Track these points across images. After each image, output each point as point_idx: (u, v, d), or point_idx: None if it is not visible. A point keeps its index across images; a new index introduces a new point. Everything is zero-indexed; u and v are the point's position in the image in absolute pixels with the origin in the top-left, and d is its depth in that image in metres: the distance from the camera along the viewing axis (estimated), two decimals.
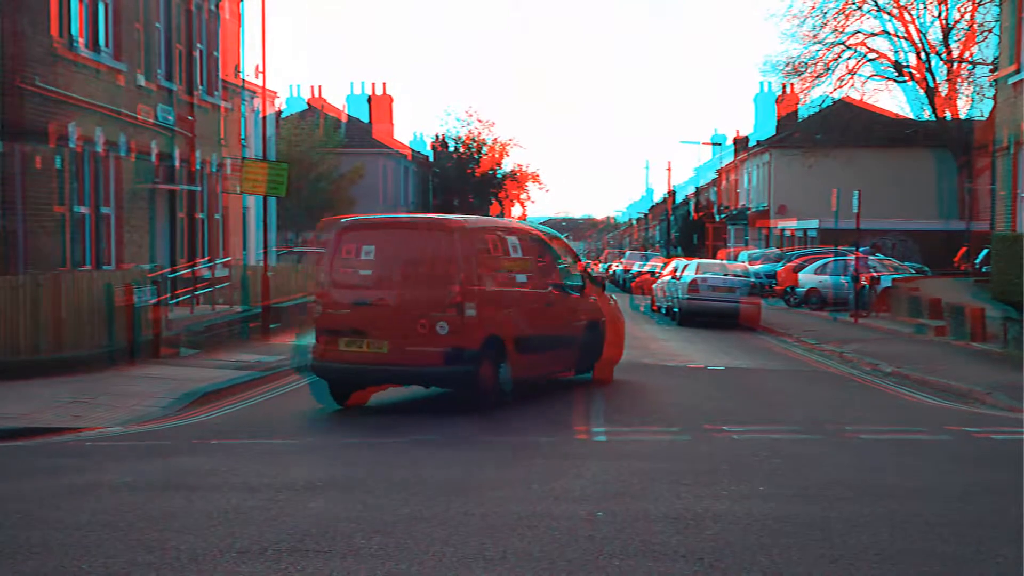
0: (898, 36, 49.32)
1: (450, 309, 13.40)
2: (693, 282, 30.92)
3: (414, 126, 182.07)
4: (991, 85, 38.61)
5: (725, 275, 31.86)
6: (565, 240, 18.46)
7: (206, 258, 27.90)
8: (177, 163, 26.32)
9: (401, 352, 13.46)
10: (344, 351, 13.77)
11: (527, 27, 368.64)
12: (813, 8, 50.06)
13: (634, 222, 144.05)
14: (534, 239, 16.16)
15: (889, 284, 33.21)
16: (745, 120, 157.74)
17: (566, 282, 16.48)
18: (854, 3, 48.82)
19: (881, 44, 71.91)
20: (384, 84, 66.84)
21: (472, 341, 13.48)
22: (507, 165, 70.88)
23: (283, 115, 57.14)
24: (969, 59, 48.58)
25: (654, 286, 38.44)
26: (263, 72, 27.56)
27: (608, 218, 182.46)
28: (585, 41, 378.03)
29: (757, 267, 42.59)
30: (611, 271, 70.23)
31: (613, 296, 19.44)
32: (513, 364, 14.35)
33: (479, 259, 14.03)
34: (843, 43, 49.68)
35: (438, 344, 13.38)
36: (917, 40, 48.86)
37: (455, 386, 13.99)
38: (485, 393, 13.83)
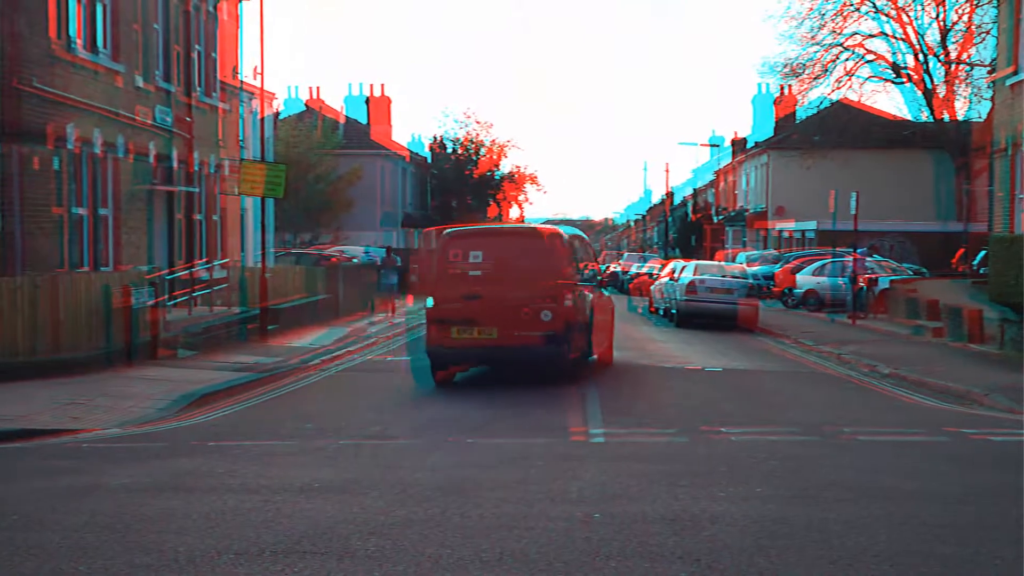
0: (896, 38, 49.41)
1: (548, 300, 16.24)
2: (691, 284, 30.92)
3: (412, 127, 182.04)
4: (989, 87, 38.65)
5: (723, 276, 31.86)
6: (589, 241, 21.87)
7: (204, 259, 27.89)
8: (175, 164, 26.31)
9: (509, 336, 16.22)
10: (456, 338, 16.39)
11: (525, 28, 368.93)
12: (811, 10, 50.22)
13: (632, 223, 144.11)
14: (584, 242, 20.06)
15: (887, 285, 33.23)
16: (743, 121, 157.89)
17: (595, 278, 19.33)
18: (852, 5, 48.91)
19: (879, 46, 71.88)
20: (382, 85, 66.86)
21: (562, 326, 16.29)
22: (505, 166, 70.94)
23: (281, 116, 57.13)
24: (967, 60, 48.66)
25: (652, 288, 38.46)
26: (261, 73, 27.64)
27: (606, 219, 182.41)
28: (583, 42, 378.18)
29: (755, 268, 42.60)
30: (609, 272, 70.09)
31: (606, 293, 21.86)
32: (573, 345, 16.62)
33: (566, 259, 17.03)
34: (841, 44, 49.75)
35: (540, 329, 16.25)
36: (915, 41, 48.95)
37: (549, 363, 16.67)
38: (566, 368, 16.74)
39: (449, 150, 70.09)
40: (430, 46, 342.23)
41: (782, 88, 60.93)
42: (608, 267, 66.40)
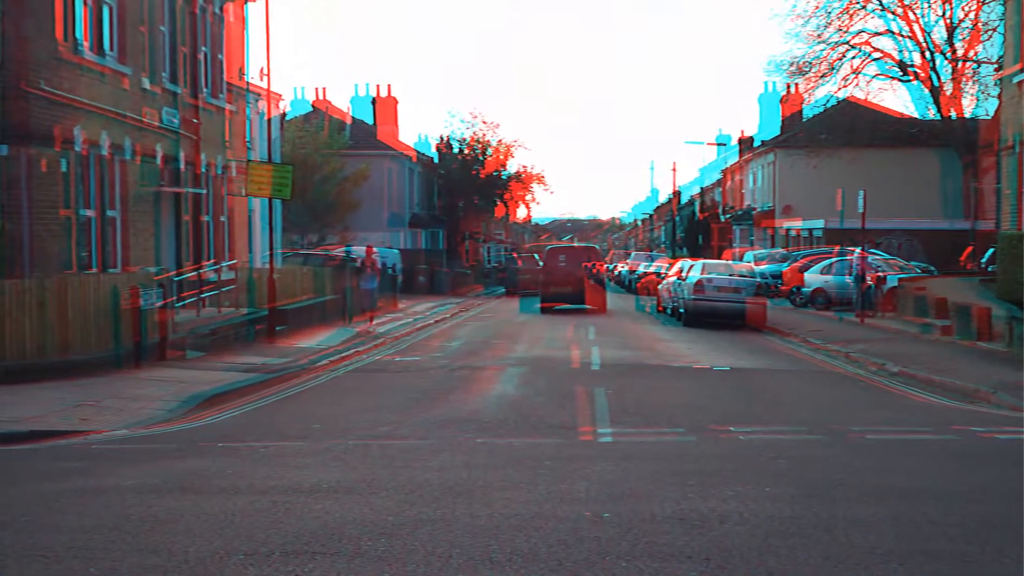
0: (902, 35, 49.28)
1: (584, 278, 36.97)
2: (699, 283, 30.90)
3: (419, 128, 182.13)
4: (996, 84, 38.57)
5: (731, 275, 31.85)
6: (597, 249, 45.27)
7: (212, 261, 27.92)
8: (182, 166, 26.34)
9: (574, 290, 37.22)
10: (554, 290, 37.60)
11: (531, 27, 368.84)
12: (817, 8, 49.99)
13: (639, 223, 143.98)
14: (595, 251, 41.44)
15: (895, 284, 33.18)
16: (750, 120, 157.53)
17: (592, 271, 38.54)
18: (858, 2, 48.82)
19: (886, 43, 71.90)
20: (389, 86, 66.85)
21: (585, 286, 37.19)
22: (512, 166, 70.64)
23: (288, 117, 57.10)
24: (974, 58, 48.55)
25: (660, 287, 38.50)
26: (267, 74, 27.63)
27: (613, 219, 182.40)
28: (588, 40, 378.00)
29: (763, 267, 42.57)
30: (616, 272, 70.75)
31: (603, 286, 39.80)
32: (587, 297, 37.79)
33: (591, 257, 38.90)
34: (847, 43, 49.65)
35: (582, 287, 37.17)
36: (922, 39, 48.83)
37: (583, 302, 37.36)
38: (584, 302, 37.83)
39: (455, 150, 69.93)
40: (435, 46, 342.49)
41: (788, 86, 60.74)
42: (615, 267, 68.45)
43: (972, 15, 47.85)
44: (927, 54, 48.83)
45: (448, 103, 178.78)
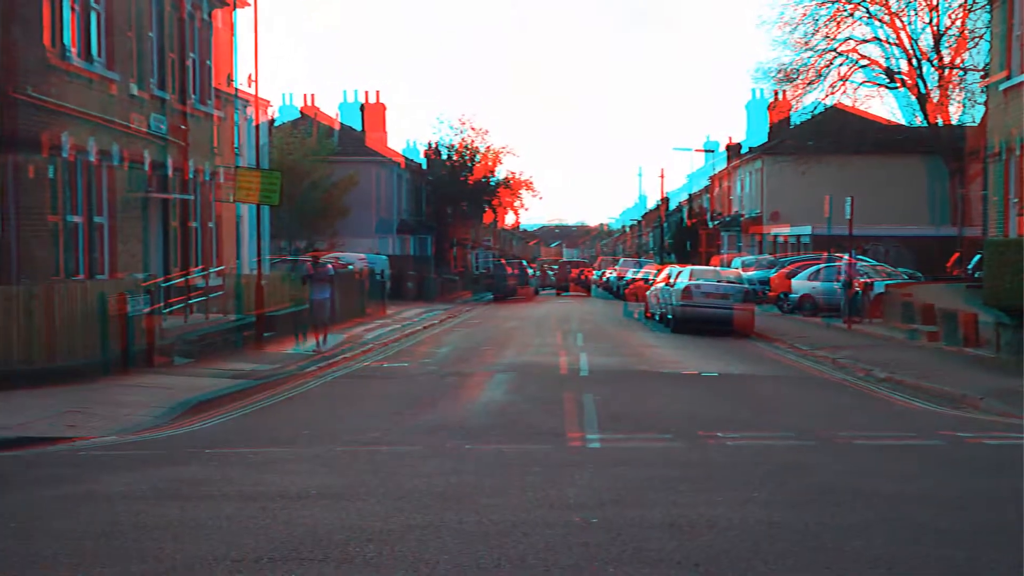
0: (889, 43, 49.48)
1: (571, 277, 72.67)
2: (687, 289, 30.94)
3: (407, 134, 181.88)
4: (982, 91, 38.72)
5: (719, 282, 31.88)
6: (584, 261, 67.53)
7: (200, 267, 27.86)
8: (170, 172, 26.29)
9: (567, 284, 70.76)
10: (561, 284, 71.76)
11: (521, 38, 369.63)
12: (805, 15, 50.10)
13: (627, 229, 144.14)
14: (582, 263, 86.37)
15: (882, 290, 33.27)
16: (737, 127, 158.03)
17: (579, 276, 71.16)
18: (846, 10, 49.01)
19: (873, 51, 71.87)
20: (377, 92, 66.77)
21: (569, 281, 72.50)
22: (500, 172, 70.69)
23: (276, 123, 57.01)
24: (960, 65, 48.75)
25: (648, 293, 38.56)
26: (256, 81, 27.65)
27: (601, 225, 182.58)
28: (577, 49, 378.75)
29: (751, 274, 42.60)
30: (604, 278, 71.41)
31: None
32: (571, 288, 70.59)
33: (581, 266, 79.95)
34: (835, 50, 49.83)
35: (570, 281, 71.98)
36: (908, 46, 49.03)
37: (569, 290, 70.03)
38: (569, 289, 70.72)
39: (444, 156, 69.91)
40: (426, 51, 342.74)
41: (776, 93, 60.83)
42: (603, 273, 72.18)
43: (959, 23, 48.08)
44: (914, 61, 49.04)
45: (439, 102, 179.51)
